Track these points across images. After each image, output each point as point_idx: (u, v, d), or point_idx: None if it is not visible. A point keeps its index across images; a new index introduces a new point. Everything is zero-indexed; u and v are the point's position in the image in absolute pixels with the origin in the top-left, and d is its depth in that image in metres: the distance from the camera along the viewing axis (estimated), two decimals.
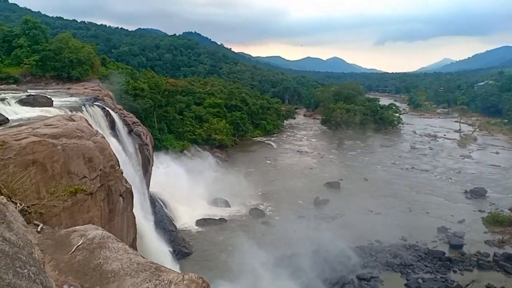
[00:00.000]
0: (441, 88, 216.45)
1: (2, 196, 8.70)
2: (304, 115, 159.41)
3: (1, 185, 10.08)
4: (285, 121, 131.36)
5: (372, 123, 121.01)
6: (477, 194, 61.30)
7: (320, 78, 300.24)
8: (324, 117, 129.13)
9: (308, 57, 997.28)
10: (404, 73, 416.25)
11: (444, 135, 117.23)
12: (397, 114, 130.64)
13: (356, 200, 56.86)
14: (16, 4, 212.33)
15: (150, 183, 39.85)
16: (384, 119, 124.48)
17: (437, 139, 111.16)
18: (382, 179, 70.20)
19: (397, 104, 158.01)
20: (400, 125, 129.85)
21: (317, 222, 49.75)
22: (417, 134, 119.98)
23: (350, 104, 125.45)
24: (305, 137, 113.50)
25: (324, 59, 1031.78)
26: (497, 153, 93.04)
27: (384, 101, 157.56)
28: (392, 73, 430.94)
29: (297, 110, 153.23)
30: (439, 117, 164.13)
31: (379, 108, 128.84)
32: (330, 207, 55.07)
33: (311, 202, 57.12)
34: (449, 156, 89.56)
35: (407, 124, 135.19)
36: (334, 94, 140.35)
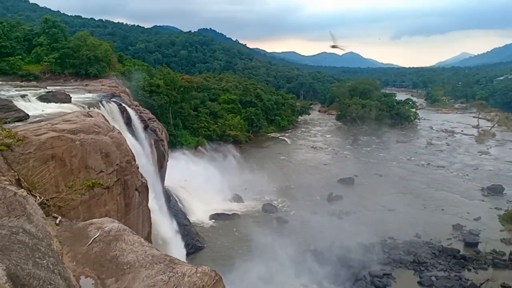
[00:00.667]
0: (459, 83, 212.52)
1: (23, 190, 9.04)
2: (319, 111, 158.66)
3: (22, 179, 10.47)
4: (299, 117, 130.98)
5: (388, 118, 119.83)
6: (494, 191, 60.35)
7: (336, 73, 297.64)
8: (339, 113, 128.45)
9: (324, 52, 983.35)
10: (422, 67, 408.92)
11: (462, 130, 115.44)
12: (414, 110, 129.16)
13: (370, 197, 56.66)
14: (36, 4, 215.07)
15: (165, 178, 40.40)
16: (401, 114, 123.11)
17: (455, 135, 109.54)
18: (397, 175, 69.66)
19: (414, 99, 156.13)
20: (416, 120, 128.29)
21: (331, 218, 49.71)
22: (434, 129, 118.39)
23: (366, 99, 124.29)
24: (319, 133, 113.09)
25: (340, 54, 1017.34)
26: None
27: (401, 96, 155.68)
28: (409, 67, 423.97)
29: (312, 106, 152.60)
30: (456, 112, 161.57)
31: (395, 103, 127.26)
32: (343, 203, 54.94)
33: (325, 198, 57.07)
34: (466, 152, 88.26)
35: (424, 119, 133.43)
36: (349, 90, 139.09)
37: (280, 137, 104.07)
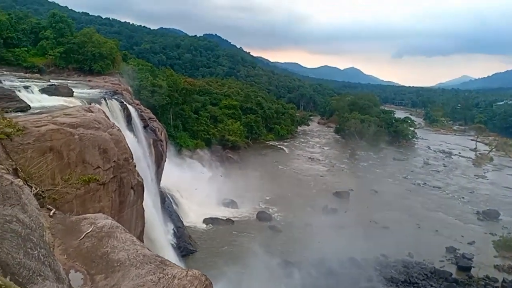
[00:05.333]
0: (459, 105, 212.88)
1: (19, 179, 8.92)
2: (318, 123, 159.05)
3: (19, 169, 10.35)
4: (299, 127, 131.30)
5: (386, 135, 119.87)
6: (489, 216, 60.12)
7: (336, 87, 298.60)
8: (338, 126, 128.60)
9: (326, 66, 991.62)
10: (422, 87, 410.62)
11: (459, 152, 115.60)
12: (412, 128, 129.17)
13: (364, 212, 56.50)
14: None
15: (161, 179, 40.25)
16: (399, 132, 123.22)
17: (452, 156, 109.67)
18: (392, 192, 69.47)
19: (413, 118, 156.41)
20: (414, 139, 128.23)
21: (324, 231, 49.42)
22: (431, 149, 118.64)
23: (365, 114, 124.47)
24: (317, 145, 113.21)
25: (342, 68, 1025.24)
26: None
27: (400, 114, 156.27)
28: (409, 86, 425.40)
29: (311, 117, 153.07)
30: (455, 134, 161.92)
31: (394, 121, 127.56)
32: (338, 217, 54.69)
33: (319, 210, 56.80)
34: (462, 175, 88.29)
35: (422, 139, 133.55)
36: (349, 104, 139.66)
37: (278, 146, 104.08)
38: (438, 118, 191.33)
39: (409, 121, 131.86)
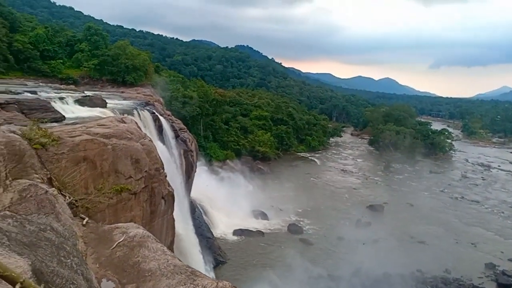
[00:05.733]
0: (498, 116, 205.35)
1: (54, 188, 9.12)
2: (351, 134, 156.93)
3: (53, 178, 10.60)
4: (331, 139, 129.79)
5: (422, 147, 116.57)
6: None
7: (370, 97, 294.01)
8: (372, 138, 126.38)
9: (360, 76, 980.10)
10: (460, 98, 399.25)
11: (499, 165, 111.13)
12: (449, 140, 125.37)
13: (399, 226, 54.95)
14: (80, 12, 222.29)
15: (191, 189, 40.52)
16: (435, 144, 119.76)
17: (491, 170, 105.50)
18: (428, 206, 67.38)
19: (450, 129, 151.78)
20: (451, 151, 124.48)
21: (357, 245, 48.42)
22: (469, 162, 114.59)
23: (400, 126, 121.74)
24: (350, 156, 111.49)
25: (376, 79, 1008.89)
26: None
27: (436, 125, 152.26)
28: (447, 97, 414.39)
29: (344, 129, 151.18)
30: (494, 147, 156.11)
31: (430, 133, 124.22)
32: (372, 231, 53.35)
33: (353, 224, 55.68)
34: (502, 188, 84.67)
35: (459, 151, 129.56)
36: (384, 115, 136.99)
37: (309, 157, 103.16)
38: (476, 130, 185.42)
39: (446, 133, 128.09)
